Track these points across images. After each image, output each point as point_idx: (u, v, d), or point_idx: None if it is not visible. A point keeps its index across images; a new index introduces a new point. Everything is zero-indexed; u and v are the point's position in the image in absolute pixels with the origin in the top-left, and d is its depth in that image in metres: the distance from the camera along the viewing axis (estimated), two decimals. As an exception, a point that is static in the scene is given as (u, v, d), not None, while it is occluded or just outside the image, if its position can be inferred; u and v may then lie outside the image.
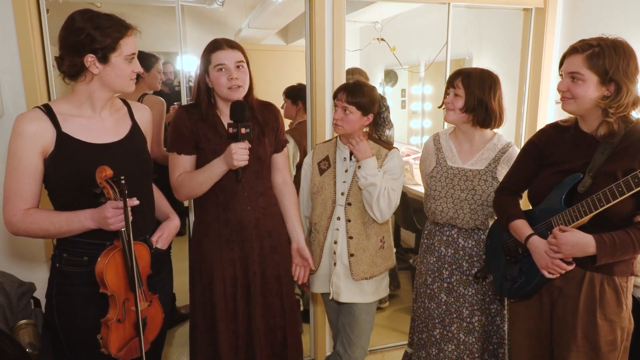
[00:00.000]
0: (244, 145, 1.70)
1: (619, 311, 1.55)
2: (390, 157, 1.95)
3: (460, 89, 1.87)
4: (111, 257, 1.44)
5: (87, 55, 1.41)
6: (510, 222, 1.68)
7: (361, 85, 1.92)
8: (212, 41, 1.81)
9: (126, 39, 1.45)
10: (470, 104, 1.86)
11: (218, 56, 1.76)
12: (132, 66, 1.49)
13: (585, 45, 1.48)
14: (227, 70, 1.76)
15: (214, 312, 1.85)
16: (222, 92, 1.78)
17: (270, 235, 1.92)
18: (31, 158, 1.42)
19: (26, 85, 2.07)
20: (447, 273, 1.99)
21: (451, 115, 1.92)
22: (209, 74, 1.79)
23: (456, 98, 1.89)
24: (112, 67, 1.45)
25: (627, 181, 1.38)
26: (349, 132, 1.92)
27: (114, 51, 1.43)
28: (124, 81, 1.49)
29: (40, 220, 1.45)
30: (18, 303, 1.92)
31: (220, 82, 1.76)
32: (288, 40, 5.53)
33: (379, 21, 4.39)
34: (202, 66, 1.81)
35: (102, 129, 1.53)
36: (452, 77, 1.92)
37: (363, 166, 1.87)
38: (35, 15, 2.08)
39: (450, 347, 1.99)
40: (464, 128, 1.95)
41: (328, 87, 2.47)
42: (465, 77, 1.87)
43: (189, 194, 1.83)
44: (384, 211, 1.89)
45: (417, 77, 4.39)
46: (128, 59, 1.47)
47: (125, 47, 1.45)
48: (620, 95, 1.44)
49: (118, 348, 1.48)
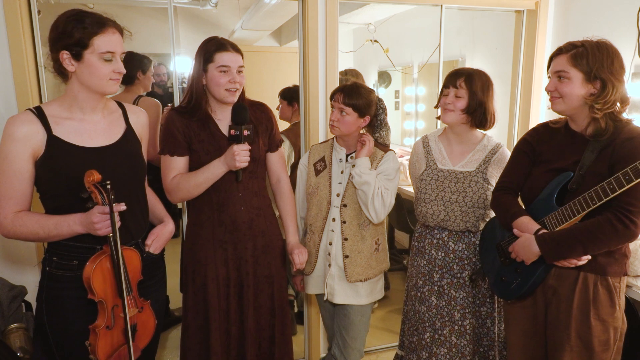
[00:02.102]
0: (246, 146, 1.72)
1: (612, 311, 1.56)
2: (385, 158, 1.96)
3: (462, 90, 1.85)
4: (98, 263, 1.41)
5: (62, 52, 1.40)
6: (515, 220, 1.66)
7: (358, 87, 1.92)
8: (213, 39, 1.79)
9: (101, 36, 1.40)
10: (473, 105, 1.85)
11: (223, 57, 1.74)
12: (110, 66, 1.43)
13: (569, 45, 1.54)
14: (229, 73, 1.75)
15: (207, 313, 1.85)
16: (219, 92, 1.77)
17: (264, 235, 1.92)
18: (22, 161, 1.41)
19: (17, 86, 2.06)
20: (437, 276, 1.99)
21: (450, 115, 1.89)
22: (207, 72, 1.76)
23: (457, 99, 1.86)
24: (85, 65, 1.41)
25: (618, 178, 1.39)
26: (345, 133, 1.92)
27: (86, 48, 1.39)
28: (100, 81, 1.44)
29: (30, 223, 1.43)
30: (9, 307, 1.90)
31: (220, 82, 1.75)
32: (281, 41, 5.53)
33: (372, 23, 4.40)
34: (199, 63, 1.77)
35: (94, 132, 1.51)
36: (452, 77, 1.88)
37: (357, 164, 1.87)
38: (26, 16, 2.07)
39: (442, 351, 1.98)
40: (459, 129, 1.94)
41: (321, 88, 2.47)
42: (468, 77, 1.85)
43: (184, 196, 1.82)
44: (379, 211, 1.89)
45: (410, 79, 4.40)
46: (103, 57, 1.41)
47: (99, 45, 1.40)
48: (606, 91, 1.47)
49: (107, 355, 1.45)
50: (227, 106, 1.85)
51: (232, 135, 1.73)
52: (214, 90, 1.78)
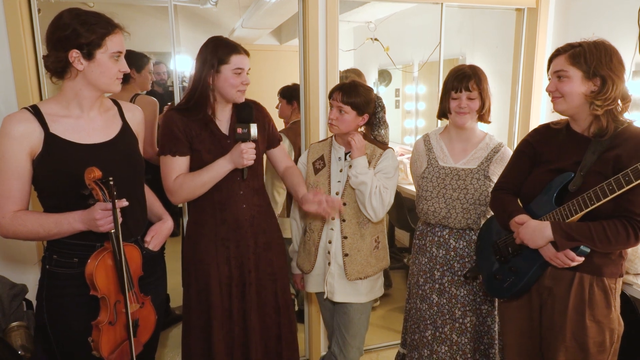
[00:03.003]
0: (252, 145, 1.76)
1: (607, 313, 1.55)
2: (384, 156, 1.96)
3: (475, 91, 1.88)
4: (101, 259, 1.42)
5: (72, 51, 1.40)
6: (512, 218, 1.67)
7: (357, 85, 1.92)
8: (223, 41, 1.79)
9: (112, 36, 1.44)
10: (485, 104, 1.91)
11: (239, 60, 1.77)
12: (118, 65, 1.48)
13: (567, 46, 1.56)
14: (242, 75, 1.78)
15: (210, 312, 1.85)
16: (231, 93, 1.79)
17: (265, 233, 1.92)
18: (19, 160, 1.41)
19: (17, 85, 2.06)
20: (438, 274, 2.00)
21: (466, 118, 1.91)
22: (221, 73, 1.77)
23: (471, 101, 1.89)
24: (96, 64, 1.44)
25: (617, 179, 1.39)
26: (344, 131, 1.93)
27: (99, 48, 1.42)
28: (109, 79, 1.48)
29: (29, 222, 1.43)
30: (10, 305, 1.91)
31: (234, 83, 1.77)
32: (282, 40, 5.53)
33: (372, 21, 4.40)
34: (209, 63, 1.76)
35: (91, 129, 1.51)
36: (461, 81, 1.88)
37: (354, 165, 1.87)
38: (26, 15, 2.07)
39: (443, 349, 1.99)
40: (468, 127, 1.97)
41: (322, 87, 2.47)
42: (477, 79, 1.88)
43: (188, 196, 1.82)
44: (377, 210, 1.89)
45: (410, 77, 4.40)
46: (113, 57, 1.46)
47: (111, 45, 1.44)
48: (606, 88, 1.48)
49: (109, 351, 1.47)
50: (227, 106, 1.86)
51: (238, 134, 1.75)
52: (226, 90, 1.79)
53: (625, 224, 1.45)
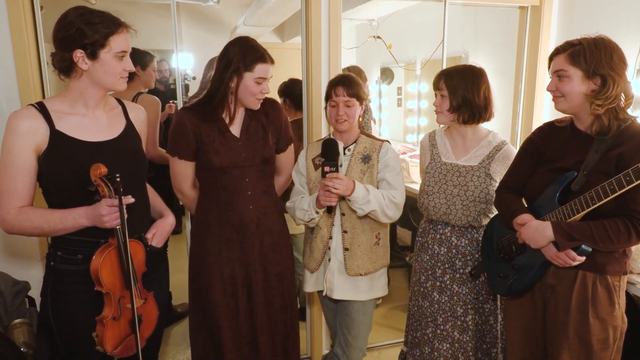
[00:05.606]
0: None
1: (611, 310, 1.55)
2: (384, 149, 1.96)
3: (444, 90, 1.89)
4: (106, 255, 1.43)
5: (76, 51, 1.41)
6: (515, 217, 1.67)
7: (350, 76, 1.95)
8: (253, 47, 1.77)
9: (116, 36, 1.44)
10: (455, 104, 1.88)
11: (263, 69, 1.77)
12: (122, 64, 1.48)
13: (566, 45, 1.55)
14: (263, 85, 1.79)
15: (214, 311, 1.86)
16: (248, 100, 1.80)
17: (271, 234, 1.93)
18: (25, 155, 1.42)
19: (20, 82, 2.06)
20: (440, 272, 2.00)
21: (441, 117, 1.95)
22: (243, 79, 1.76)
23: (443, 99, 1.91)
24: (100, 63, 1.44)
25: (618, 179, 1.38)
26: (354, 125, 1.94)
27: (102, 47, 1.42)
28: (114, 78, 1.48)
29: (34, 218, 1.44)
30: (12, 302, 1.91)
31: (254, 92, 1.78)
32: (284, 37, 5.53)
33: (375, 19, 4.39)
34: (234, 67, 1.74)
35: (95, 127, 1.52)
36: (435, 80, 1.94)
37: (352, 200, 1.84)
38: (29, 12, 2.07)
39: (445, 346, 1.99)
40: (456, 127, 1.98)
41: (324, 84, 2.46)
42: (448, 77, 1.89)
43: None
44: (394, 216, 1.91)
45: (413, 75, 4.39)
46: (118, 56, 1.46)
47: (114, 44, 1.44)
48: (607, 87, 1.47)
49: (114, 346, 1.49)
50: (241, 108, 1.87)
51: (324, 172, 1.78)
52: (243, 96, 1.79)
53: (627, 222, 1.45)
